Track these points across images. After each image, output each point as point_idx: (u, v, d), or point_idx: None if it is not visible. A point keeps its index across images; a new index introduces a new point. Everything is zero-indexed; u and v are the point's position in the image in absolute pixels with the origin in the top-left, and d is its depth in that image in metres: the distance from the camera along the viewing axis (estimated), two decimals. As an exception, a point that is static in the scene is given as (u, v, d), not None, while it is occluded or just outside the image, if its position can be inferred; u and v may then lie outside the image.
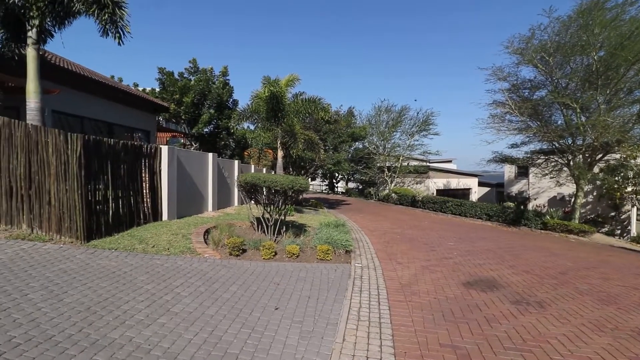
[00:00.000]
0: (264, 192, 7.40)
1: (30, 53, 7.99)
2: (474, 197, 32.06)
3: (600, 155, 15.71)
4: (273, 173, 14.94)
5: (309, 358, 2.91)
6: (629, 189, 16.95)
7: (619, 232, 18.86)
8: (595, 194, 19.60)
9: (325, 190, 37.01)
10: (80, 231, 5.47)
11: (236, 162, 13.02)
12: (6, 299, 3.37)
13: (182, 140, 23.23)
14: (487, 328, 3.83)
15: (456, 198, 21.25)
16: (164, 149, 7.91)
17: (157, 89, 21.58)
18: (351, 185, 36.61)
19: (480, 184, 33.53)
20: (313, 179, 32.02)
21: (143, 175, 7.27)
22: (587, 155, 15.49)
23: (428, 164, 30.11)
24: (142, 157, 7.25)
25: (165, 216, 7.85)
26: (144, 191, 7.29)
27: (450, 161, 40.58)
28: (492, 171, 27.22)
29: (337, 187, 37.18)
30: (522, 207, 19.84)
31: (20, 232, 5.55)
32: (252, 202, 7.69)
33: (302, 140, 13.05)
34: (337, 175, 35.03)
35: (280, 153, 13.52)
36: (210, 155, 10.55)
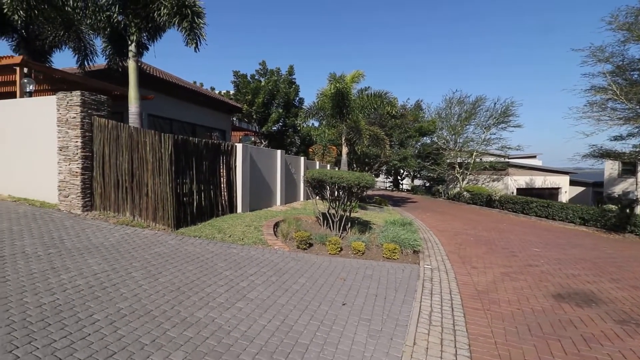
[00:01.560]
0: (328, 188, 7.50)
1: (131, 65, 9.28)
2: (564, 197, 28.03)
3: None
4: (337, 169, 15.06)
5: (378, 358, 2.86)
6: None
7: None
8: None
9: (389, 187, 36.09)
10: (171, 220, 6.20)
11: (302, 158, 13.42)
12: (115, 275, 3.97)
13: (253, 139, 24.78)
14: (584, 349, 3.31)
15: (541, 198, 18.82)
16: (239, 147, 8.51)
17: (232, 91, 23.29)
18: (417, 182, 35.04)
19: (573, 183, 29.19)
20: (377, 175, 31.43)
21: (221, 170, 7.93)
22: None
23: (507, 159, 27.22)
24: (220, 154, 7.90)
25: (239, 209, 8.46)
26: (222, 185, 7.95)
27: (534, 156, 36.16)
28: (588, 168, 23.42)
29: (402, 184, 35.96)
30: (627, 210, 16.75)
31: (125, 219, 6.51)
32: (318, 197, 7.84)
33: (367, 136, 12.87)
34: (402, 171, 33.87)
35: (344, 149, 13.54)
36: (279, 152, 11.04)
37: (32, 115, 7.38)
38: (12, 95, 9.87)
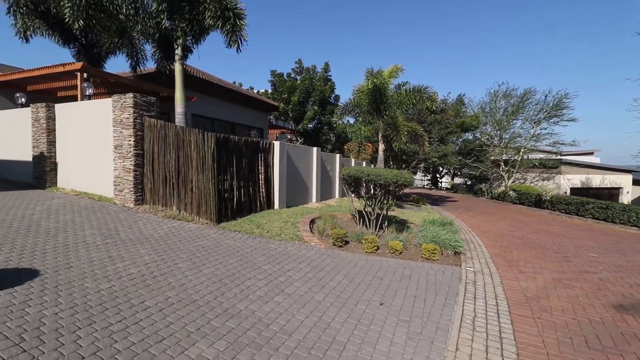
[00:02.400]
0: (364, 186, 7.40)
1: (177, 67, 9.79)
2: (626, 198, 25.29)
3: None
4: (372, 166, 14.83)
5: (418, 361, 2.77)
6: None
7: None
8: None
9: (427, 185, 34.94)
10: (213, 214, 6.49)
11: (337, 155, 13.39)
12: (163, 265, 4.23)
13: (289, 136, 25.17)
14: (656, 368, 2.96)
15: (599, 199, 17.14)
16: (276, 144, 8.68)
17: (269, 90, 23.80)
18: (458, 180, 33.52)
19: (636, 182, 26.25)
20: (414, 173, 30.55)
21: (259, 167, 8.14)
22: None
23: (559, 156, 25.13)
24: (258, 151, 8.11)
25: (276, 205, 8.64)
26: (260, 182, 8.16)
27: (591, 153, 33.01)
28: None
29: (440, 182, 34.63)
30: None
31: (172, 213, 6.91)
32: (353, 195, 7.77)
33: (405, 133, 12.51)
34: (441, 169, 32.59)
35: (381, 146, 13.29)
36: (315, 149, 11.10)
37: (91, 116, 8.08)
38: (73, 98, 10.88)
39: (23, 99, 10.96)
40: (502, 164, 23.56)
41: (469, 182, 31.17)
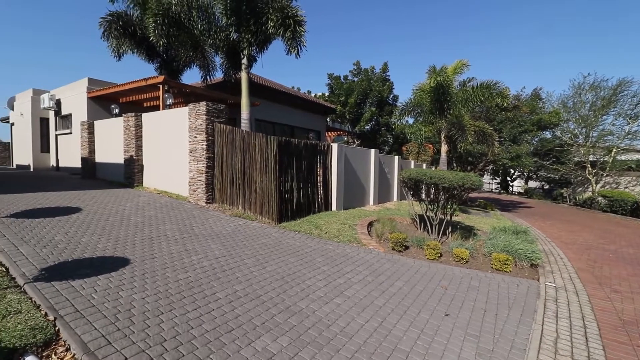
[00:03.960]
0: (425, 189, 7.07)
1: (243, 76, 10.45)
2: None
3: None
4: (433, 168, 14.10)
5: (490, 380, 2.55)
6: None
7: None
8: None
9: (495, 189, 32.15)
10: (275, 214, 6.77)
11: (396, 157, 13.03)
12: (231, 260, 4.53)
13: (346, 138, 25.22)
14: None
15: None
16: (334, 147, 8.76)
17: (327, 94, 24.15)
18: (532, 184, 30.23)
19: None
20: (481, 175, 28.35)
21: (318, 169, 8.29)
22: None
23: (665, 158, 21.15)
24: (317, 154, 8.26)
25: (334, 206, 8.71)
26: (318, 184, 8.30)
27: None
28: None
29: (511, 186, 31.57)
30: None
31: (238, 212, 7.39)
32: (414, 198, 7.48)
33: (472, 132, 11.67)
34: (512, 172, 29.71)
35: (443, 147, 12.59)
36: (373, 151, 10.94)
37: (170, 123, 9.03)
38: (156, 108, 12.29)
39: (117, 110, 12.71)
40: (589, 165, 20.63)
41: (546, 187, 27.91)
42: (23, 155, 16.79)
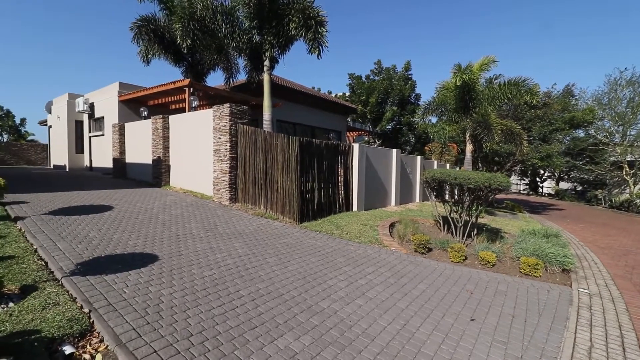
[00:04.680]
0: (449, 190, 6.89)
1: (265, 78, 10.60)
2: None
3: None
4: (457, 169, 13.70)
5: (519, 389, 2.45)
6: None
7: None
8: None
9: (523, 190, 30.88)
10: (296, 214, 6.83)
11: (419, 157, 12.79)
12: (254, 259, 4.61)
13: (367, 138, 25.02)
14: None
15: None
16: (355, 147, 8.71)
17: (347, 93, 24.06)
18: (564, 185, 28.78)
19: None
20: (508, 176, 27.28)
21: (339, 170, 8.27)
22: None
23: None
24: (338, 154, 8.25)
25: (355, 207, 8.66)
26: (339, 184, 8.29)
27: None
28: None
29: (541, 187, 30.19)
30: None
31: (260, 211, 7.50)
32: (437, 199, 7.31)
33: (499, 132, 11.25)
34: (542, 172, 28.40)
35: (468, 147, 12.22)
36: (395, 151, 10.80)
37: (195, 125, 9.30)
38: (182, 110, 12.68)
39: (145, 112, 13.24)
40: (626, 166, 19.41)
41: (579, 188, 26.51)
42: (60, 156, 17.83)
